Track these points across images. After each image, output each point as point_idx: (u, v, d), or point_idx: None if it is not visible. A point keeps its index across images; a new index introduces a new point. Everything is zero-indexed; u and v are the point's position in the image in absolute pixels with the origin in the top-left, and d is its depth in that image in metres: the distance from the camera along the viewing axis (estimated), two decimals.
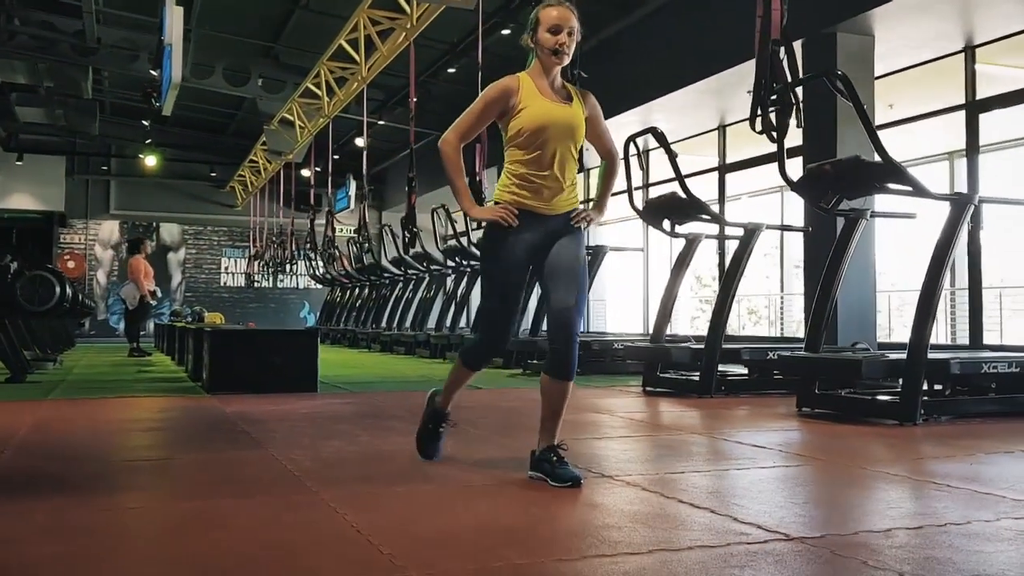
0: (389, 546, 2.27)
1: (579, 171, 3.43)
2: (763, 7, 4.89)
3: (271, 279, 21.90)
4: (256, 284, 22.36)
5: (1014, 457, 3.86)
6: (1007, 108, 8.92)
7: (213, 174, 22.15)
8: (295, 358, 6.95)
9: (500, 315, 3.28)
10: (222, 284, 22.82)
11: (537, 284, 3.33)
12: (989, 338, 9.65)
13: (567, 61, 3.21)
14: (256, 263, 21.86)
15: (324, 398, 6.46)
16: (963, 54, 9.05)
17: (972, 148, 9.01)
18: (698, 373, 6.71)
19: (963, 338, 10.94)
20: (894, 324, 16.04)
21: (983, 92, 8.99)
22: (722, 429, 4.85)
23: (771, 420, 5.23)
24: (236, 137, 20.31)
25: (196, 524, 2.58)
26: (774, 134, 4.91)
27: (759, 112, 4.98)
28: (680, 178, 6.67)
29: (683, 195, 6.65)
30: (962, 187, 10.61)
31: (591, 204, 3.42)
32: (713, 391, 6.53)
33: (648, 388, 7.11)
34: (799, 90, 5.27)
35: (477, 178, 8.19)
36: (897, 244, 13.34)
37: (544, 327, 11.48)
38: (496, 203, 3.24)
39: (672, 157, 6.66)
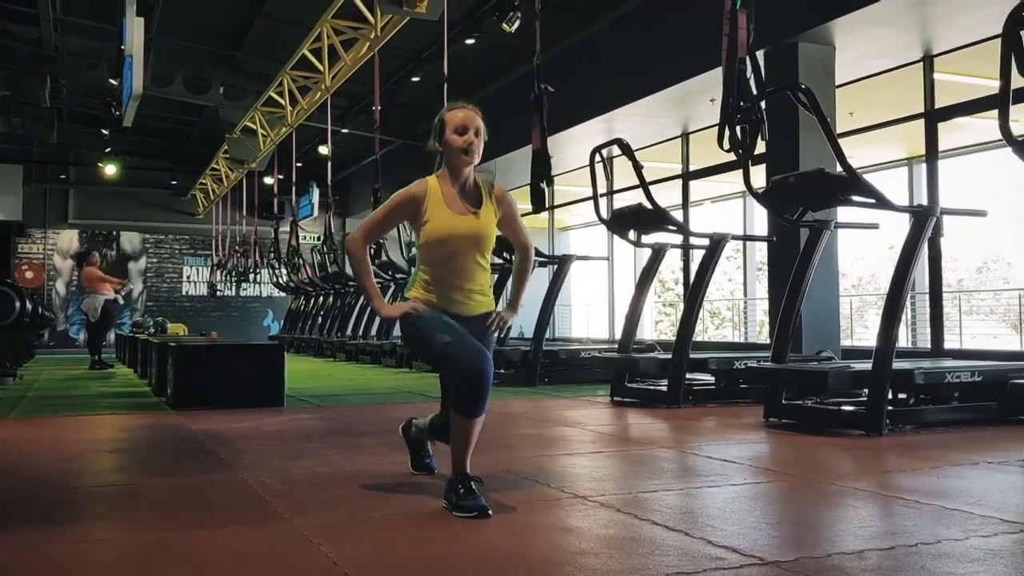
0: None
1: (549, 184, 3.42)
2: (730, 26, 4.93)
3: (234, 288, 21.68)
4: (219, 293, 22.12)
5: (979, 469, 3.92)
6: (965, 116, 9.09)
7: (174, 182, 21.88)
8: (261, 373, 6.88)
9: (459, 348, 3.02)
10: (184, 293, 22.54)
11: None
12: (948, 340, 9.80)
13: (477, 160, 3.20)
14: (219, 272, 21.63)
15: (291, 413, 6.40)
16: (922, 63, 9.21)
17: (931, 155, 9.17)
18: (666, 382, 6.75)
19: (923, 341, 11.13)
20: (855, 326, 16.29)
21: (941, 101, 9.15)
22: (691, 443, 4.88)
23: (739, 431, 5.27)
24: (197, 145, 20.08)
25: (168, 558, 2.54)
26: (740, 150, 4.92)
27: (727, 129, 5.00)
28: (646, 189, 6.71)
29: (649, 206, 6.69)
30: (921, 193, 10.82)
31: (506, 306, 3.38)
32: (681, 401, 6.57)
33: (616, 398, 7.14)
34: (762, 102, 5.33)
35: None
36: (854, 245, 13.56)
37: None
38: (407, 299, 3.24)
39: (638, 169, 6.70)
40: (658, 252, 7.34)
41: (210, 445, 4.76)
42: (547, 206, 9.08)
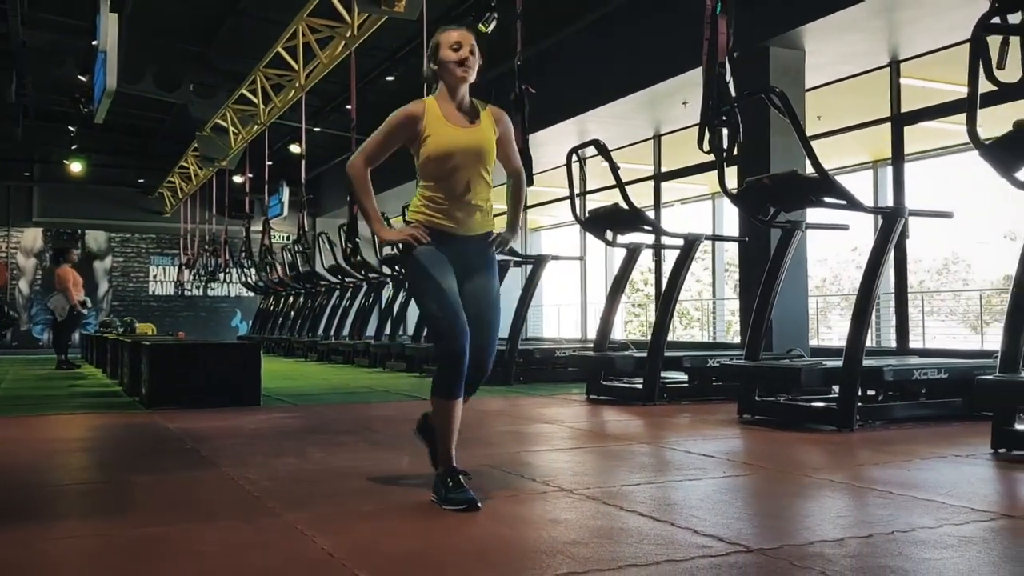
0: (365, 570, 2.29)
1: (530, 183, 3.47)
2: (710, 30, 5.03)
3: (202, 287, 21.52)
4: (187, 292, 21.94)
5: (948, 462, 4.04)
6: (931, 121, 9.30)
7: (141, 180, 21.66)
8: (238, 372, 6.87)
9: (448, 323, 3.07)
10: (151, 293, 22.33)
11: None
12: (911, 340, 10.00)
13: (472, 76, 3.19)
14: (188, 271, 21.45)
15: (269, 412, 6.40)
16: (889, 68, 9.40)
17: (897, 159, 9.36)
18: (640, 380, 6.85)
19: (887, 340, 11.35)
20: (819, 326, 16.54)
21: (908, 105, 9.35)
22: (669, 438, 4.96)
23: (715, 427, 5.37)
24: (165, 142, 19.90)
25: (163, 551, 2.56)
26: (721, 151, 5.02)
27: (707, 131, 5.10)
28: (623, 190, 6.80)
29: (625, 207, 6.78)
30: (886, 195, 11.03)
31: (505, 226, 3.40)
32: (656, 398, 6.66)
33: (592, 396, 7.22)
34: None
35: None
36: (817, 247, 13.77)
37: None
38: (408, 223, 3.22)
39: (615, 169, 6.79)
40: (633, 252, 7.44)
41: (190, 443, 4.76)
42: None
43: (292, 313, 17.55)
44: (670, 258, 13.68)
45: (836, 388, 5.68)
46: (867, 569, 2.30)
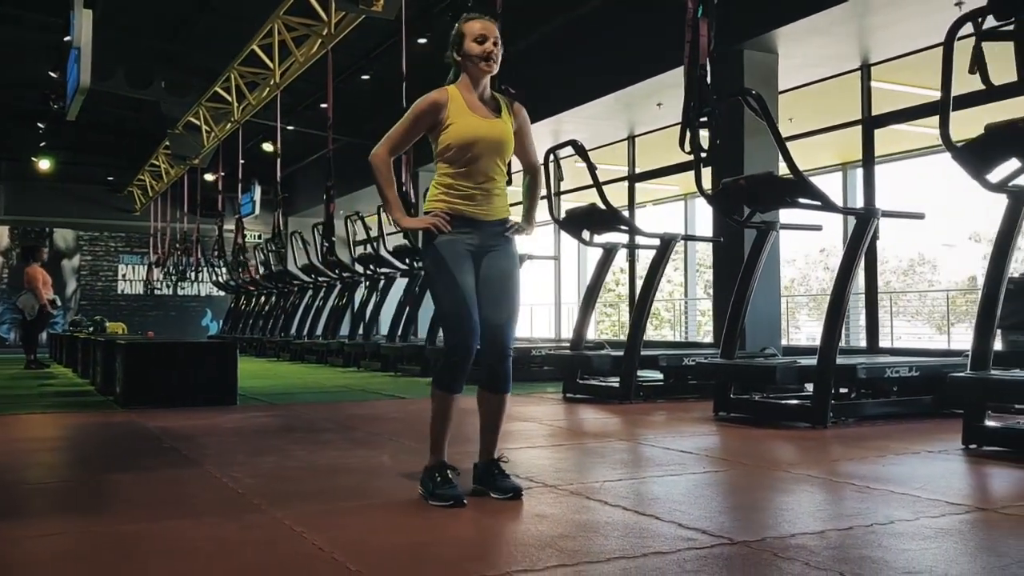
0: (356, 563, 2.31)
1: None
2: (691, 33, 5.09)
3: (172, 287, 21.32)
4: (157, 291, 21.74)
5: (920, 458, 4.13)
6: (899, 124, 9.46)
7: (110, 178, 21.42)
8: (213, 371, 6.84)
9: (459, 318, 3.13)
10: (119, 292, 22.10)
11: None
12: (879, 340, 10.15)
13: (496, 69, 3.24)
14: (158, 270, 21.25)
15: (246, 411, 6.38)
16: (860, 72, 9.55)
17: (868, 161, 9.51)
18: (617, 379, 6.90)
19: (855, 340, 11.52)
20: (788, 326, 16.75)
21: (878, 108, 9.50)
22: (648, 435, 5.02)
23: (692, 425, 5.43)
24: (135, 140, 19.70)
25: (153, 547, 2.57)
26: (701, 152, 5.09)
27: (688, 132, 5.17)
28: (600, 190, 6.85)
29: (603, 207, 6.84)
30: (855, 197, 11.20)
31: (521, 218, 3.44)
32: (633, 397, 6.72)
33: (569, 395, 7.26)
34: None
35: (403, 188, 8.20)
36: (785, 249, 13.93)
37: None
38: (427, 212, 3.25)
39: (592, 169, 6.84)
40: (610, 251, 7.50)
41: (169, 442, 4.74)
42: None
43: (264, 312, 17.45)
44: (643, 258, 13.78)
45: (808, 386, 5.78)
46: (849, 560, 2.36)
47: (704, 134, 5.33)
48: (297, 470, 3.89)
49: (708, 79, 5.01)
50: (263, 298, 17.84)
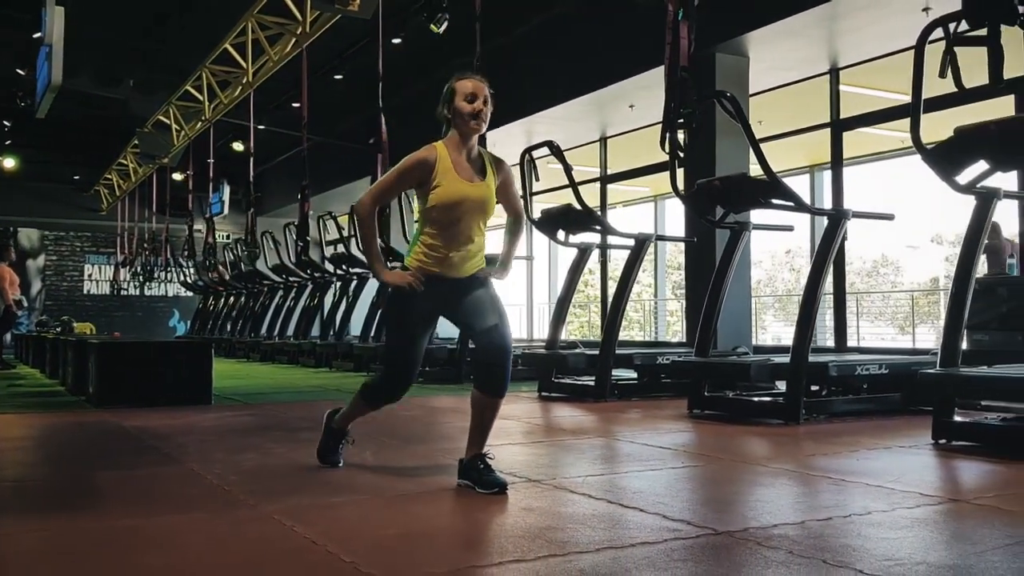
0: (349, 555, 2.34)
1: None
2: (672, 35, 5.17)
3: (139, 287, 21.10)
4: (123, 292, 21.50)
5: (892, 452, 4.23)
6: (866, 127, 9.63)
7: (76, 177, 21.14)
8: (188, 370, 6.81)
9: (406, 355, 3.39)
10: (85, 292, 21.83)
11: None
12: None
13: (484, 128, 3.33)
14: (125, 270, 21.02)
15: (221, 410, 6.36)
16: (828, 76, 9.71)
17: (836, 163, 9.67)
18: (591, 378, 6.97)
19: (822, 339, 11.69)
20: (756, 327, 16.94)
21: (847, 111, 9.67)
22: (625, 432, 5.08)
23: (667, 422, 5.51)
24: (102, 139, 19.45)
25: (147, 542, 2.57)
26: (680, 152, 5.18)
27: (668, 133, 5.25)
28: (576, 190, 6.92)
29: (579, 207, 6.90)
30: (823, 198, 11.37)
31: (498, 264, 3.54)
32: (608, 395, 6.79)
33: (544, 393, 7.32)
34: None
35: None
36: (751, 250, 14.11)
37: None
38: (406, 268, 3.35)
39: (568, 170, 6.91)
40: (584, 251, 7.57)
41: (149, 440, 4.73)
42: None
43: (233, 313, 17.33)
44: (615, 259, 13.86)
45: (780, 384, 5.88)
46: (830, 548, 2.43)
47: (682, 135, 5.40)
48: (280, 467, 3.90)
49: (689, 81, 5.09)
50: (231, 298, 17.72)
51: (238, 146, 15.47)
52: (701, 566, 2.28)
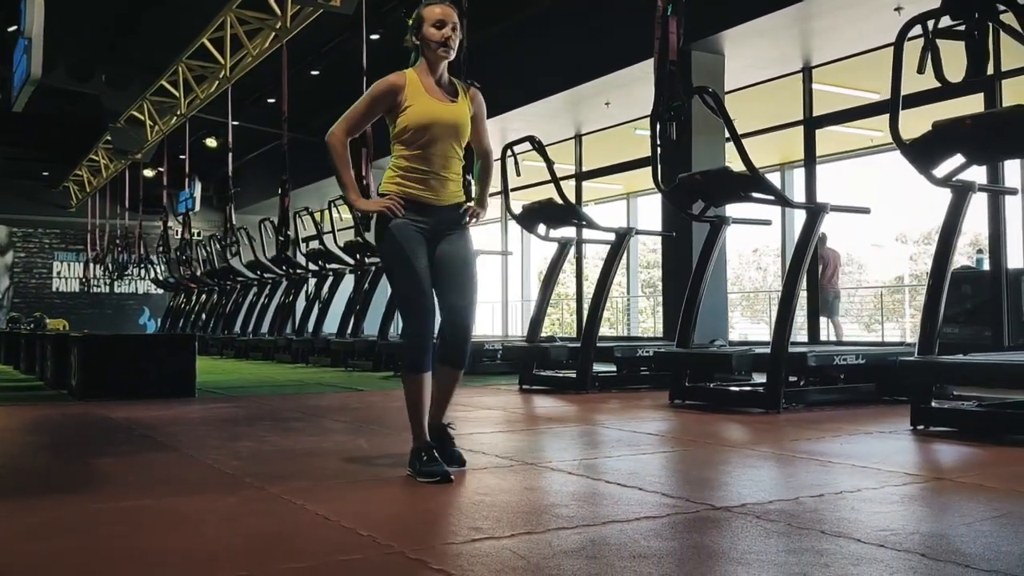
0: (366, 529, 2.40)
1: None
2: (661, 30, 5.27)
3: (109, 284, 20.90)
4: (94, 289, 21.28)
5: (874, 437, 4.36)
6: (840, 125, 9.82)
7: (45, 173, 20.88)
8: (172, 363, 6.81)
9: (416, 300, 3.25)
10: (54, 289, 21.57)
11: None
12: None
13: (453, 55, 3.33)
14: (96, 267, 20.80)
15: (207, 403, 6.37)
16: (802, 74, 9.88)
17: (810, 160, 9.85)
18: (572, 371, 7.06)
19: (793, 334, 11.88)
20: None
21: (819, 110, 9.85)
22: (611, 421, 5.18)
23: (650, 411, 5.61)
24: (72, 134, 19.23)
25: (161, 521, 2.61)
26: (669, 145, 5.28)
27: (656, 126, 5.35)
28: (557, 185, 7.01)
29: (560, 201, 6.99)
30: (795, 196, 11.54)
31: (473, 202, 3.49)
32: (589, 387, 6.88)
33: (525, 386, 7.40)
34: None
35: (364, 182, 8.24)
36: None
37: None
38: (382, 195, 3.32)
39: (550, 165, 6.99)
40: (564, 246, 7.66)
41: (140, 430, 4.74)
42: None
43: (206, 310, 17.22)
44: (592, 255, 13.96)
45: (757, 376, 6.01)
46: (827, 521, 2.53)
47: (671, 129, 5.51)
48: (276, 453, 3.94)
49: (678, 75, 5.19)
50: (203, 296, 17.60)
51: (211, 142, 15.36)
52: (707, 536, 2.37)
